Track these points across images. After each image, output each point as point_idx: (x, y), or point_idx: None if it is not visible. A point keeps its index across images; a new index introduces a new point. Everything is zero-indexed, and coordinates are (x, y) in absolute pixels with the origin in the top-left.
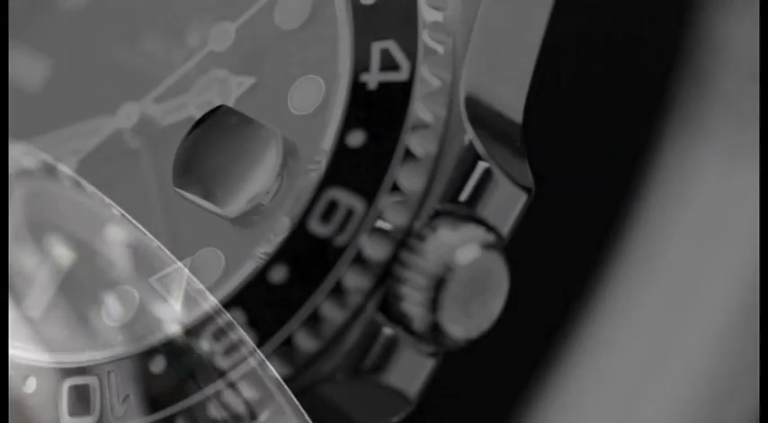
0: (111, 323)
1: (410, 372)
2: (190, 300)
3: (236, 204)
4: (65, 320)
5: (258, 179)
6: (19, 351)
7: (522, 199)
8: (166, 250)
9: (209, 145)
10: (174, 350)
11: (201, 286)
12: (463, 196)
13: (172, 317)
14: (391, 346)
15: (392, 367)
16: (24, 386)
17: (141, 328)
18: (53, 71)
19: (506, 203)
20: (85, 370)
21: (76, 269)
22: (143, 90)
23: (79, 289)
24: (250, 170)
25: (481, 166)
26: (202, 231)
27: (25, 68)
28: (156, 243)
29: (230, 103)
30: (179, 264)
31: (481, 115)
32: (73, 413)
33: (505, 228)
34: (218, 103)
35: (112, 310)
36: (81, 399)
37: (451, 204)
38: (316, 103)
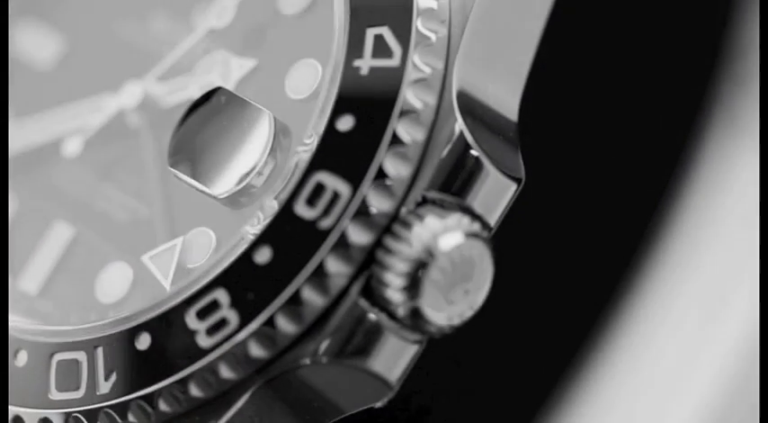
0: (105, 299)
1: (392, 358)
2: (178, 278)
3: (226, 184)
4: (59, 294)
5: (248, 159)
6: (12, 323)
7: (511, 189)
8: (160, 229)
9: (204, 125)
10: (159, 328)
11: (190, 265)
12: (451, 185)
13: (161, 295)
14: (374, 332)
15: (374, 352)
16: (15, 359)
17: (132, 305)
18: (60, 47)
19: (495, 193)
20: (75, 345)
21: (74, 244)
22: (146, 67)
23: (75, 264)
24: (241, 150)
25: (470, 155)
26: (196, 211)
27: (33, 44)
28: (151, 221)
29: (231, 85)
30: (171, 242)
31: (472, 105)
32: (61, 388)
33: (493, 217)
34: (218, 84)
35: (107, 286)
36: (69, 374)
37: (439, 192)
38: (312, 88)
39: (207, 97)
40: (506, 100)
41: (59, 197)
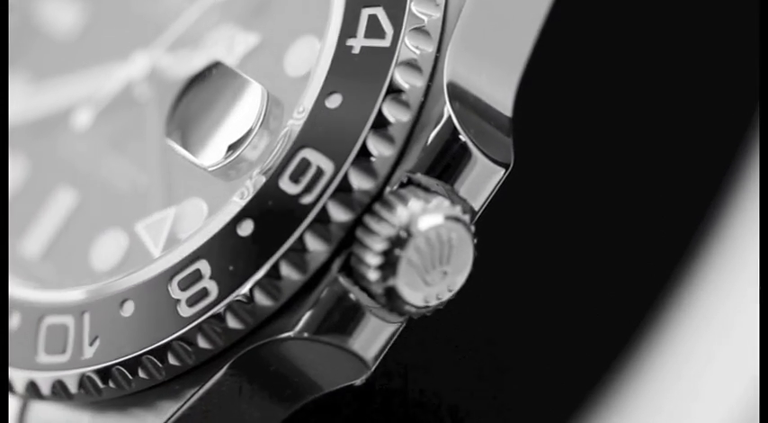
0: (99, 266)
1: (369, 336)
2: (169, 248)
3: (215, 155)
4: (56, 259)
5: (237, 130)
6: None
7: (497, 174)
8: (156, 198)
9: (201, 99)
10: (143, 296)
11: (182, 235)
12: (437, 168)
13: (149, 263)
14: (352, 310)
15: (351, 330)
16: (10, 321)
17: (122, 273)
18: (79, 17)
19: (480, 178)
20: (64, 309)
21: (74, 211)
22: (156, 37)
23: (73, 230)
24: (231, 122)
25: (457, 140)
26: (191, 182)
27: (53, 14)
28: (148, 191)
29: (234, 60)
30: (164, 212)
31: (463, 90)
32: (48, 351)
33: (477, 202)
34: (222, 58)
35: (101, 253)
36: (56, 337)
37: (424, 175)
38: (309, 66)
39: (206, 72)
40: (500, 89)
41: (64, 164)
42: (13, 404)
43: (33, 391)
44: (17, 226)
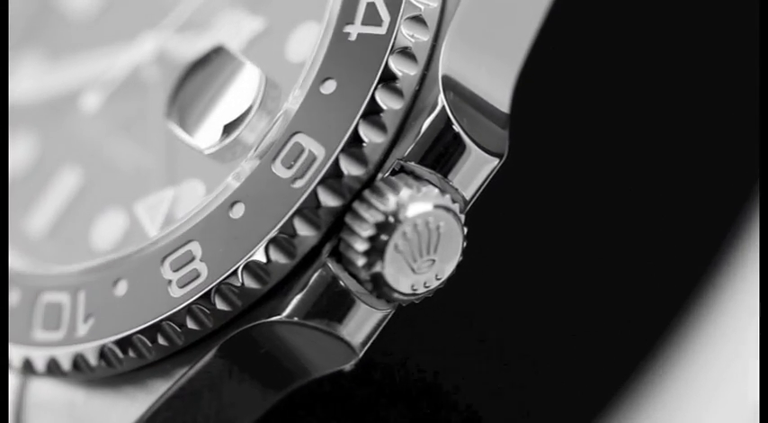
0: (98, 244)
1: (357, 323)
2: (166, 228)
3: (213, 136)
4: (58, 236)
5: (232, 112)
6: (12, 260)
7: (489, 165)
8: (157, 179)
9: (201, 83)
10: (137, 276)
11: (180, 216)
12: (430, 157)
13: (144, 243)
14: (340, 295)
15: (338, 316)
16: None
17: (118, 252)
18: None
19: (472, 168)
20: (61, 286)
21: (77, 189)
22: (163, 17)
23: (76, 208)
24: (228, 105)
25: (450, 130)
26: (192, 163)
27: None
28: (150, 171)
29: (239, 44)
30: (163, 193)
31: (459, 80)
32: (43, 327)
33: (469, 191)
34: (226, 42)
35: (101, 231)
36: (52, 314)
37: (416, 163)
38: (308, 51)
39: (208, 56)
40: (497, 82)
41: (72, 142)
42: (14, 382)
43: (29, 367)
44: (23, 202)
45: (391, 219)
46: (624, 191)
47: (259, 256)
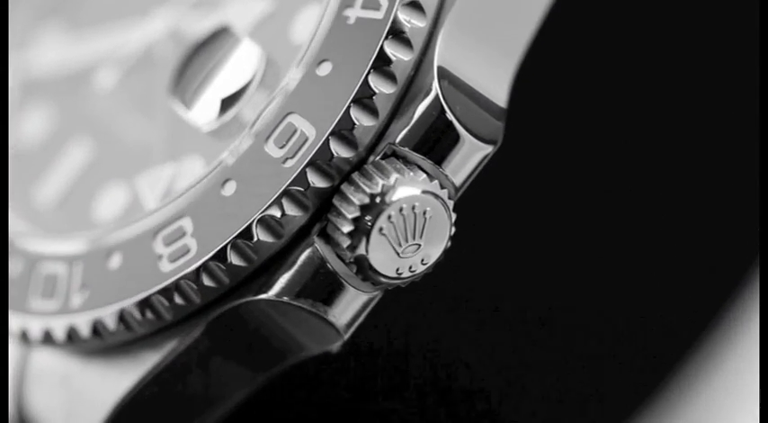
0: (98, 216)
1: (343, 304)
2: (164, 202)
3: (210, 113)
4: (61, 207)
5: (230, 87)
6: (16, 228)
7: (481, 152)
8: (159, 153)
9: (203, 60)
10: (130, 249)
11: (179, 190)
12: (422, 144)
13: (141, 217)
14: (327, 277)
15: (324, 297)
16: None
17: (116, 225)
18: None
19: (463, 155)
20: (58, 257)
21: (84, 162)
22: None
23: (80, 180)
24: (227, 81)
25: (442, 116)
26: (193, 139)
27: None
28: (153, 146)
29: (246, 25)
30: (162, 167)
31: (455, 68)
32: (39, 296)
33: (459, 178)
34: (233, 23)
35: (102, 204)
36: (48, 284)
37: (407, 149)
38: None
39: (213, 36)
40: (494, 72)
41: (83, 116)
42: (17, 351)
43: (26, 336)
44: (33, 172)
45: (377, 201)
46: (623, 190)
47: (246, 234)
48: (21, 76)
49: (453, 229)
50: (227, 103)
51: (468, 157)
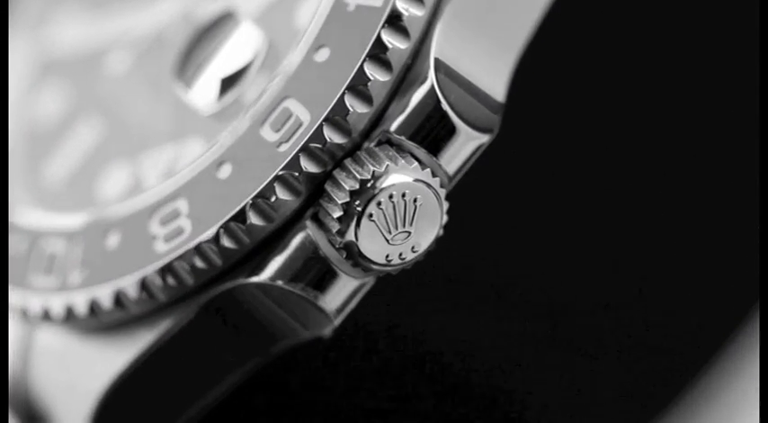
0: (101, 195)
1: (334, 290)
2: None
3: (210, 95)
4: (67, 185)
5: (229, 67)
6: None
7: (475, 142)
8: (162, 134)
9: (207, 44)
10: (128, 229)
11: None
12: (417, 132)
13: (140, 197)
14: (318, 262)
15: (314, 281)
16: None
17: (118, 204)
18: None
19: (458, 145)
20: (59, 234)
21: (91, 141)
22: None
23: (86, 158)
24: (228, 64)
25: (437, 105)
26: (199, 122)
27: None
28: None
29: (252, 11)
30: (163, 147)
31: (452, 59)
32: (40, 272)
33: (452, 167)
34: (239, 8)
35: (105, 183)
36: (49, 261)
37: (401, 137)
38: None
39: (218, 21)
40: (493, 64)
41: (92, 95)
42: (19, 330)
43: (25, 313)
44: (41, 150)
45: (367, 187)
46: (623, 190)
47: (239, 217)
48: (37, 55)
49: (445, 218)
50: (228, 85)
51: (463, 146)
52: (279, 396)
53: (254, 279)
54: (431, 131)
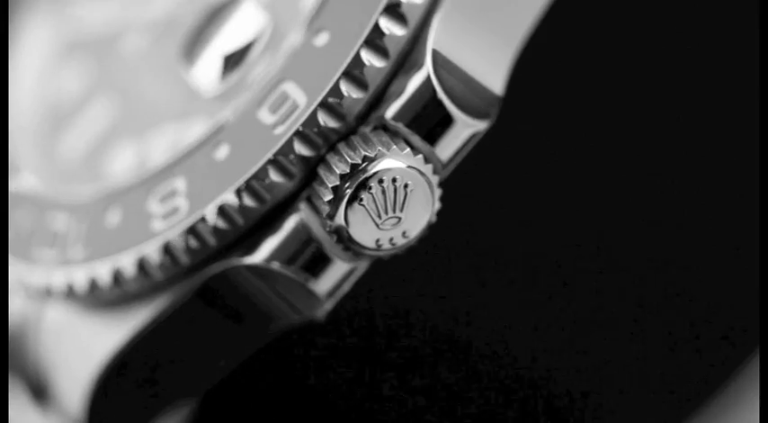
0: (107, 170)
1: (325, 273)
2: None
3: (213, 76)
4: (75, 161)
5: (230, 47)
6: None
7: (470, 129)
8: (165, 113)
9: (214, 29)
10: (128, 206)
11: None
12: (410, 118)
13: (141, 173)
14: (309, 244)
15: (305, 264)
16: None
17: (120, 178)
18: None
19: (452, 132)
20: (63, 208)
21: (102, 118)
22: None
23: (96, 135)
24: (230, 44)
25: (433, 92)
26: (198, 102)
27: None
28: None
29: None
30: (168, 126)
31: (450, 47)
32: (42, 245)
33: (445, 154)
34: None
35: (113, 159)
36: (50, 234)
37: (398, 123)
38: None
39: (226, 3)
40: (492, 54)
41: (107, 74)
42: (24, 305)
43: (28, 287)
44: (53, 127)
45: (357, 171)
46: (624, 190)
47: (232, 198)
48: (63, 34)
49: (438, 205)
50: (230, 65)
51: (458, 134)
52: (279, 380)
53: (248, 260)
54: (426, 118)
